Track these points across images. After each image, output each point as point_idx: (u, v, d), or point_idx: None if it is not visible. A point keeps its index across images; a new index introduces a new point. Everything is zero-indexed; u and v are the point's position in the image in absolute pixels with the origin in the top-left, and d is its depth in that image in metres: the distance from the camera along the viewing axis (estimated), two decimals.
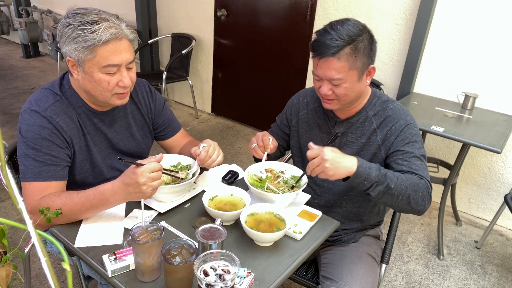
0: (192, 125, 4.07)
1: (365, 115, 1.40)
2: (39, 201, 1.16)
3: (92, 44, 1.15)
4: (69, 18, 1.18)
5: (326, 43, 1.23)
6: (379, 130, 1.38)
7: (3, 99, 4.36)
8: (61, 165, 1.25)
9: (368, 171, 1.18)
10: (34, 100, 1.25)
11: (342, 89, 1.28)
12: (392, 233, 1.54)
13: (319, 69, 1.28)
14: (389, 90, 2.97)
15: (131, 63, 1.26)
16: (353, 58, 1.23)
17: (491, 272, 2.36)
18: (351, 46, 1.22)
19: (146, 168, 1.10)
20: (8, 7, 6.10)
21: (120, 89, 1.25)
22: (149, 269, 1.01)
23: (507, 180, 2.68)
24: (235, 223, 1.26)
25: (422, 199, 1.25)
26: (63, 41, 1.19)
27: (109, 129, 1.39)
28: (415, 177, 1.26)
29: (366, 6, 2.90)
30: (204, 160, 1.35)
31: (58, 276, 2.06)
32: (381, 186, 1.19)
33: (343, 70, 1.24)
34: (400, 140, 1.34)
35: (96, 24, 1.15)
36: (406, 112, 1.38)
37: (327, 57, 1.23)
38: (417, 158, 1.31)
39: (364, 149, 1.40)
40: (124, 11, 4.64)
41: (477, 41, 2.53)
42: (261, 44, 3.66)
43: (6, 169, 0.41)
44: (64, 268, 0.41)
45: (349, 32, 1.23)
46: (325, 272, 1.42)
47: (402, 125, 1.34)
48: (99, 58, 1.18)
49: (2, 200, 2.66)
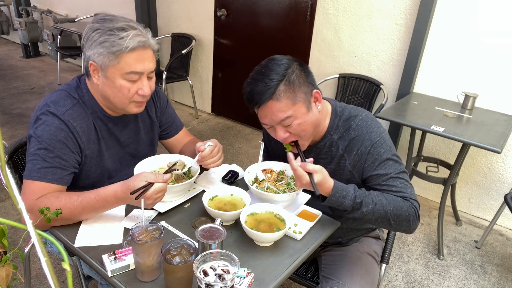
0: (192, 125, 4.07)
1: (330, 139, 1.34)
2: (35, 201, 1.16)
3: (119, 49, 1.16)
4: (97, 23, 1.20)
5: (258, 90, 1.19)
6: (346, 154, 1.31)
7: (3, 99, 4.36)
8: (68, 170, 1.24)
9: (341, 201, 1.18)
10: (51, 102, 1.25)
11: (296, 126, 1.22)
12: (392, 233, 1.54)
13: (264, 117, 1.24)
14: (389, 90, 2.97)
15: (152, 72, 1.27)
16: (292, 93, 1.18)
17: (491, 272, 2.36)
18: (284, 82, 1.17)
19: (153, 191, 1.13)
20: (8, 7, 6.11)
21: (139, 97, 1.27)
22: (149, 269, 1.01)
23: (507, 180, 2.68)
24: (235, 223, 1.26)
25: (406, 221, 1.23)
26: (88, 44, 1.20)
27: (121, 133, 1.40)
28: (399, 200, 1.23)
29: (366, 6, 2.90)
30: (205, 158, 1.35)
31: (58, 276, 2.06)
32: (356, 212, 1.20)
33: (287, 107, 1.18)
34: (370, 164, 1.27)
35: (124, 31, 1.17)
36: (370, 129, 1.28)
37: (266, 102, 1.19)
38: (394, 178, 1.25)
39: (336, 174, 1.33)
40: (124, 11, 4.64)
41: (477, 41, 2.53)
42: (261, 44, 3.66)
43: (6, 169, 0.41)
44: (64, 268, 0.41)
45: (276, 71, 1.18)
46: (325, 272, 1.42)
47: (367, 147, 1.27)
48: (123, 64, 1.19)
49: (2, 200, 2.66)
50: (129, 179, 1.14)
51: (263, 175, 1.43)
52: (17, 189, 0.41)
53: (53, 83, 4.94)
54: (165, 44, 4.36)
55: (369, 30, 2.95)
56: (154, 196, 1.13)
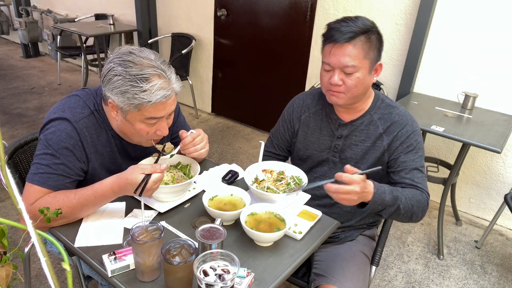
0: (192, 125, 4.06)
1: (369, 118, 1.40)
2: (33, 205, 1.15)
3: (141, 103, 1.13)
4: (120, 66, 1.13)
5: (341, 29, 1.24)
6: (385, 135, 1.37)
7: (3, 99, 4.36)
8: (72, 178, 1.23)
9: (382, 196, 1.19)
10: (68, 107, 1.23)
11: (354, 79, 1.27)
12: (384, 234, 1.53)
13: (332, 56, 1.27)
14: (389, 90, 2.97)
15: (172, 112, 1.25)
16: (367, 47, 1.26)
17: (491, 272, 2.36)
18: (366, 35, 1.25)
19: (152, 182, 1.12)
20: (8, 7, 6.10)
21: (156, 137, 1.26)
22: (149, 269, 1.01)
23: (507, 180, 2.68)
24: (235, 223, 1.26)
25: (421, 212, 1.30)
26: (109, 88, 1.15)
27: (133, 149, 1.40)
28: (418, 192, 1.30)
29: (366, 6, 2.90)
30: (187, 146, 1.29)
31: (58, 276, 2.06)
32: (392, 208, 1.22)
33: (357, 57, 1.25)
34: (405, 147, 1.35)
35: (148, 82, 1.12)
36: (412, 119, 1.39)
37: (343, 43, 1.24)
38: (418, 170, 1.34)
39: (368, 153, 1.40)
40: (124, 11, 4.64)
41: (477, 41, 2.53)
42: (261, 44, 3.65)
43: (6, 169, 0.41)
44: (64, 268, 0.41)
45: (364, 23, 1.26)
46: (317, 269, 1.42)
47: (408, 131, 1.35)
48: (144, 112, 1.17)
49: (2, 200, 2.66)
50: (125, 172, 1.13)
51: (263, 175, 1.43)
52: (17, 189, 0.41)
53: (53, 83, 4.94)
54: (165, 44, 4.36)
55: None
56: (154, 187, 1.14)
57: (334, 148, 1.45)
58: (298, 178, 1.39)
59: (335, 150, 1.45)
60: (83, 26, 4.46)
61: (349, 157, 1.43)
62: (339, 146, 1.44)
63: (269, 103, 3.82)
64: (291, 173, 1.43)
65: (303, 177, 1.39)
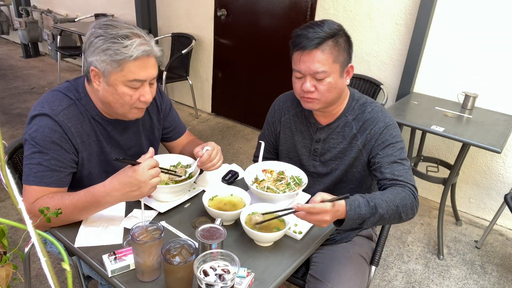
0: (192, 125, 4.07)
1: (344, 120, 1.40)
2: (33, 204, 1.15)
3: (123, 58, 1.15)
4: (100, 29, 1.17)
5: (308, 36, 1.23)
6: (359, 134, 1.37)
7: (3, 99, 4.36)
8: (65, 171, 1.23)
9: (357, 211, 1.12)
10: (46, 102, 1.23)
11: (326, 84, 1.27)
12: (384, 234, 1.52)
13: (302, 63, 1.26)
14: (389, 90, 2.97)
15: (153, 79, 1.27)
16: (336, 51, 1.25)
17: (491, 272, 2.36)
18: (333, 39, 1.24)
19: (145, 166, 1.09)
20: (8, 7, 6.10)
21: (140, 104, 1.26)
22: (149, 269, 1.01)
23: (507, 180, 2.68)
24: (235, 223, 1.26)
25: (411, 209, 1.23)
26: (91, 51, 1.18)
27: (121, 137, 1.39)
28: (400, 190, 1.23)
29: (366, 6, 2.90)
30: (205, 163, 1.35)
31: (58, 276, 2.06)
32: (374, 218, 1.16)
33: (327, 62, 1.24)
34: (381, 143, 1.33)
35: (128, 39, 1.15)
36: (384, 114, 1.37)
37: (311, 49, 1.23)
38: (397, 163, 1.30)
39: (345, 153, 1.40)
40: (124, 11, 4.64)
41: (477, 41, 2.53)
42: (261, 44, 3.65)
43: (6, 169, 0.41)
44: (64, 268, 0.41)
45: (330, 27, 1.25)
46: (314, 271, 1.41)
47: (381, 127, 1.34)
48: (126, 72, 1.18)
49: (2, 200, 2.66)
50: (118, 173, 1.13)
51: (263, 175, 1.43)
52: (17, 189, 0.41)
53: (53, 83, 4.94)
54: (165, 44, 4.36)
55: (369, 30, 2.95)
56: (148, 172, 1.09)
57: (314, 152, 1.47)
58: (298, 178, 1.39)
59: (315, 154, 1.47)
60: (83, 26, 4.46)
61: (329, 160, 1.44)
62: (318, 150, 1.45)
63: (269, 103, 3.80)
64: (291, 173, 1.43)
65: (303, 177, 1.39)
